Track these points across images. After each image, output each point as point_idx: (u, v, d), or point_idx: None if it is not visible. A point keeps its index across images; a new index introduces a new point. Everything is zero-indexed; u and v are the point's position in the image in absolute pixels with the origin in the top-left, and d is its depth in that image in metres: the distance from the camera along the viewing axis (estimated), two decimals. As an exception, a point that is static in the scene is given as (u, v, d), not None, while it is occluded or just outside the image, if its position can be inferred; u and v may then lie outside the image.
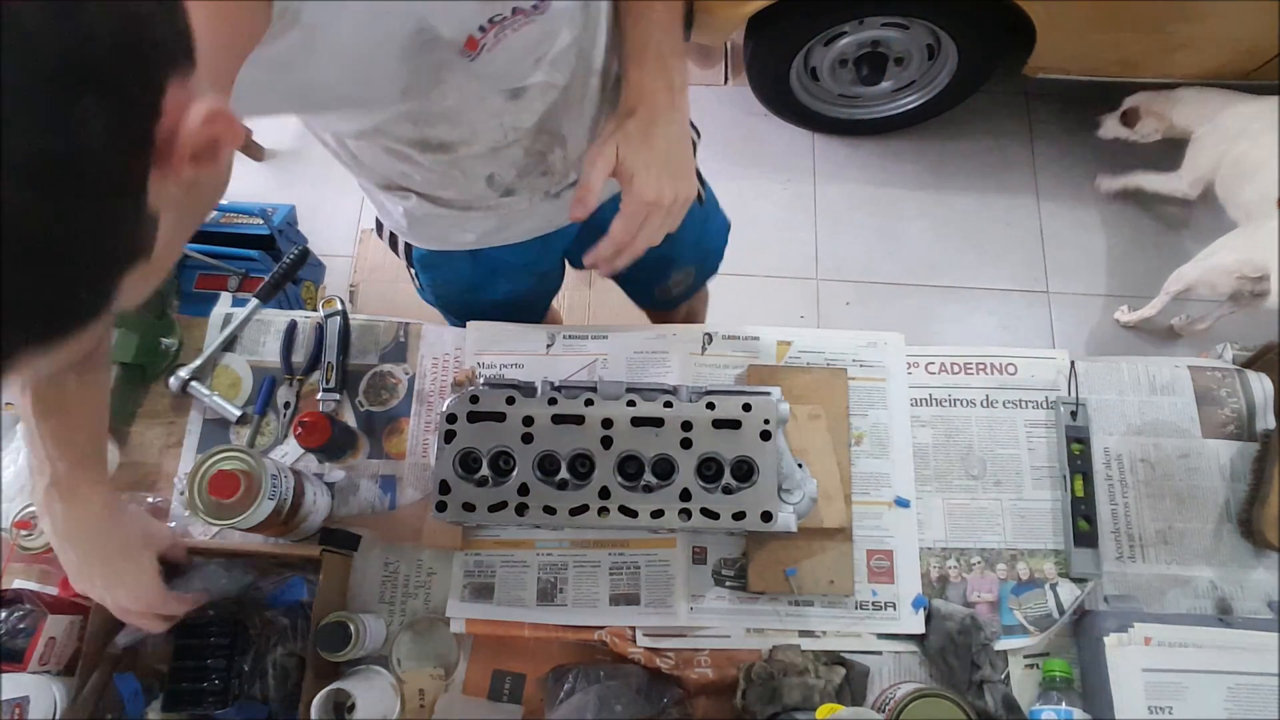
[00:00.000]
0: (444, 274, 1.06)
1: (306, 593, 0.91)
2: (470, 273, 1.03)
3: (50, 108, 0.31)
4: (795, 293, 2.20)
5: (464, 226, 0.95)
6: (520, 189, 0.86)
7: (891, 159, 2.34)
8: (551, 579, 0.95)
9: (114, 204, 0.35)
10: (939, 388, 1.03)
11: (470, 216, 0.93)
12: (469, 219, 0.93)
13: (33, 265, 0.32)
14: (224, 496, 0.81)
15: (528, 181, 0.86)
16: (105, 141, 0.33)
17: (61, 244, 0.33)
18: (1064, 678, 0.88)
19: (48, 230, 0.32)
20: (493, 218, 0.93)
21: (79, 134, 0.32)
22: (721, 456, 0.86)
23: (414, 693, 0.90)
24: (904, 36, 2.00)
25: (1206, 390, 1.03)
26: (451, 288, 1.07)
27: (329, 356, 1.02)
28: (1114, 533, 0.97)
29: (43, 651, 0.85)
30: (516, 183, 0.86)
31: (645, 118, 0.74)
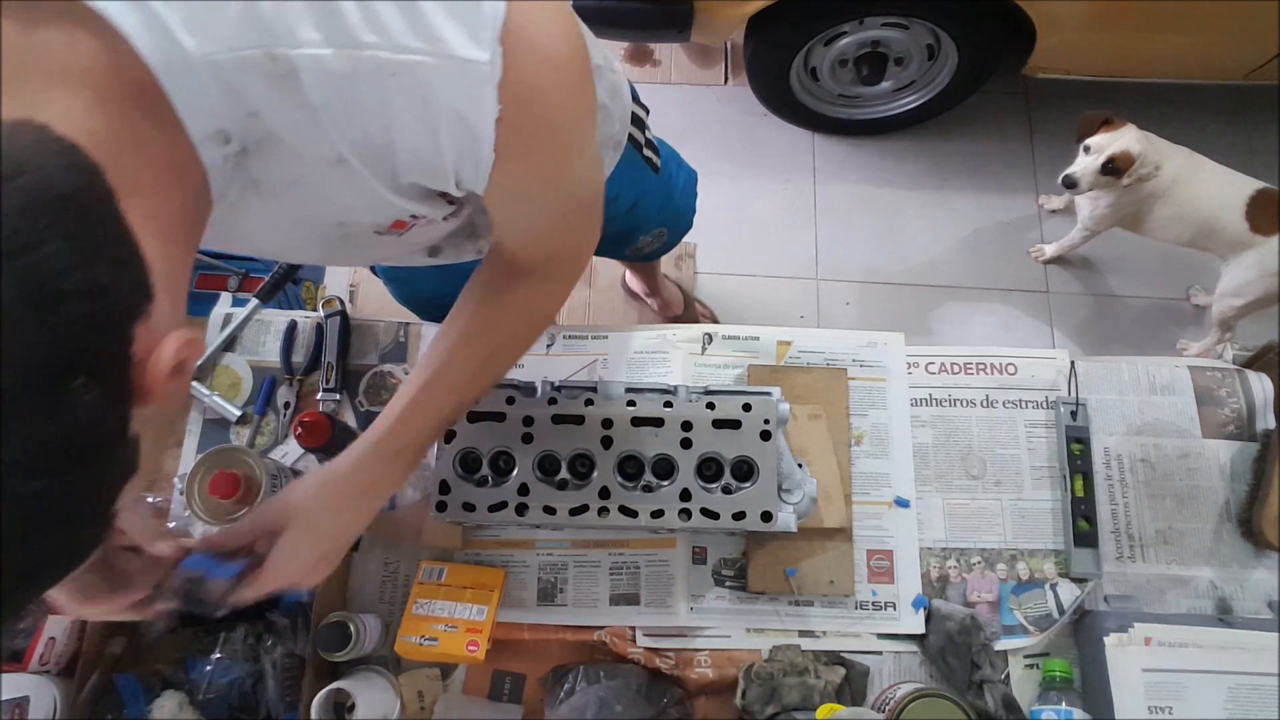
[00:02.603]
0: (410, 285, 1.07)
1: (306, 593, 0.91)
2: (437, 281, 1.03)
3: (47, 399, 0.33)
4: (795, 293, 2.20)
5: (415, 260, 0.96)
6: (447, 248, 0.87)
7: (891, 159, 2.34)
8: (551, 579, 0.95)
9: (108, 455, 0.37)
10: (939, 388, 1.03)
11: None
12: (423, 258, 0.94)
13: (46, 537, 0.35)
14: (224, 496, 0.81)
15: (455, 242, 0.87)
16: (100, 411, 0.36)
17: (69, 512, 0.36)
18: (1064, 678, 0.88)
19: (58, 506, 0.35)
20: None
21: (77, 414, 0.34)
22: (721, 456, 0.86)
23: (414, 693, 0.90)
24: (904, 36, 2.00)
25: (1206, 390, 1.03)
26: (420, 295, 1.08)
27: (329, 356, 1.02)
28: (1114, 533, 0.97)
29: (43, 651, 0.85)
30: (443, 243, 0.87)
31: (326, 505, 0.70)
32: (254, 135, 0.48)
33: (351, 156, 0.49)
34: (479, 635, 0.86)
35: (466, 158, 0.50)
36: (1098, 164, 1.76)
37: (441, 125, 0.48)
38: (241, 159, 0.49)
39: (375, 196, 0.54)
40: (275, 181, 0.52)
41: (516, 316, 0.71)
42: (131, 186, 0.39)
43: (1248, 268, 1.84)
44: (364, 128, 0.47)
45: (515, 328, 0.72)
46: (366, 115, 0.47)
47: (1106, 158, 1.75)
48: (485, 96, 0.46)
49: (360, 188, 0.52)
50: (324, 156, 0.49)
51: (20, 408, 0.32)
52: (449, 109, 0.47)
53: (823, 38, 1.99)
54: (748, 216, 2.26)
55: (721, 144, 2.33)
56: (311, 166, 0.50)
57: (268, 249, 0.67)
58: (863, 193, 2.31)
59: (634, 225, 1.15)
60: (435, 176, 0.52)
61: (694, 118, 2.36)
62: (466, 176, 0.52)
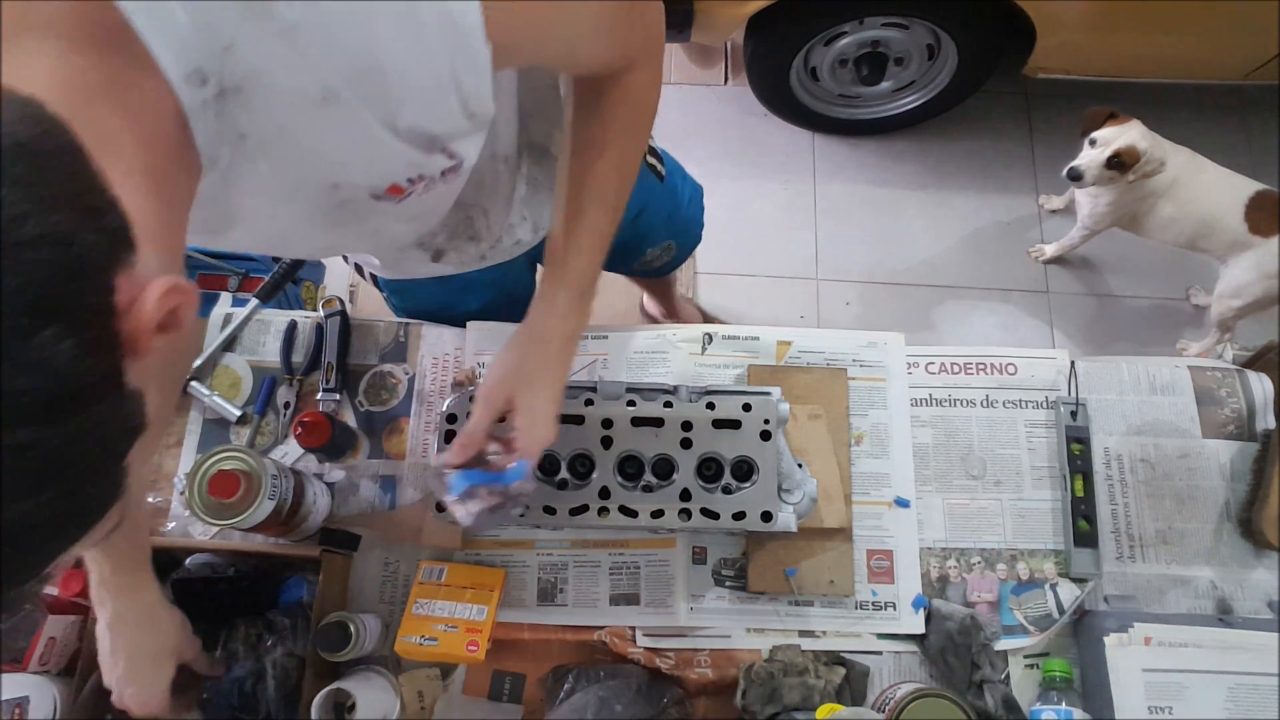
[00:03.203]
0: (414, 298, 1.06)
1: (306, 593, 0.91)
2: (440, 293, 1.03)
3: (17, 348, 0.32)
4: (795, 293, 2.20)
5: (422, 270, 0.96)
6: (450, 250, 0.87)
7: (891, 159, 2.34)
8: (551, 579, 0.95)
9: (102, 407, 0.36)
10: (939, 388, 1.03)
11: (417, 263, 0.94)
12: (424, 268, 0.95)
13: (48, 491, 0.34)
14: (224, 496, 0.81)
15: (457, 245, 0.87)
16: (78, 361, 0.35)
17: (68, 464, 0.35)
18: (1064, 678, 0.88)
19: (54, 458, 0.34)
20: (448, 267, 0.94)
21: (53, 365, 0.33)
22: (721, 456, 0.86)
23: (414, 693, 0.90)
24: (904, 36, 2.00)
25: (1206, 390, 1.03)
26: (423, 307, 1.08)
27: (329, 356, 1.02)
28: (1114, 533, 0.97)
29: (43, 651, 0.85)
30: (446, 245, 0.87)
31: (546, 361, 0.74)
32: (233, 74, 0.46)
33: (342, 86, 0.48)
34: (479, 635, 0.86)
35: (461, 61, 0.49)
36: (1103, 158, 1.76)
37: (427, 28, 0.47)
38: (223, 105, 0.48)
39: (370, 138, 0.52)
40: (262, 132, 0.51)
41: (625, 113, 0.71)
42: (108, 140, 0.39)
43: (1246, 269, 1.84)
44: (348, 49, 0.46)
45: (627, 124, 0.72)
46: (348, 32, 0.46)
47: (1112, 152, 1.75)
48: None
49: (352, 129, 0.51)
50: (309, 92, 0.48)
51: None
52: (431, 6, 0.46)
53: (823, 38, 1.99)
54: (748, 216, 2.26)
55: (721, 144, 2.33)
56: (298, 107, 0.49)
57: (265, 236, 0.67)
58: (863, 193, 2.31)
59: (641, 236, 1.15)
60: (436, 101, 0.51)
61: (694, 118, 2.36)
62: (469, 86, 0.51)
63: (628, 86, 0.69)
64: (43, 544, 0.35)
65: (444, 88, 0.51)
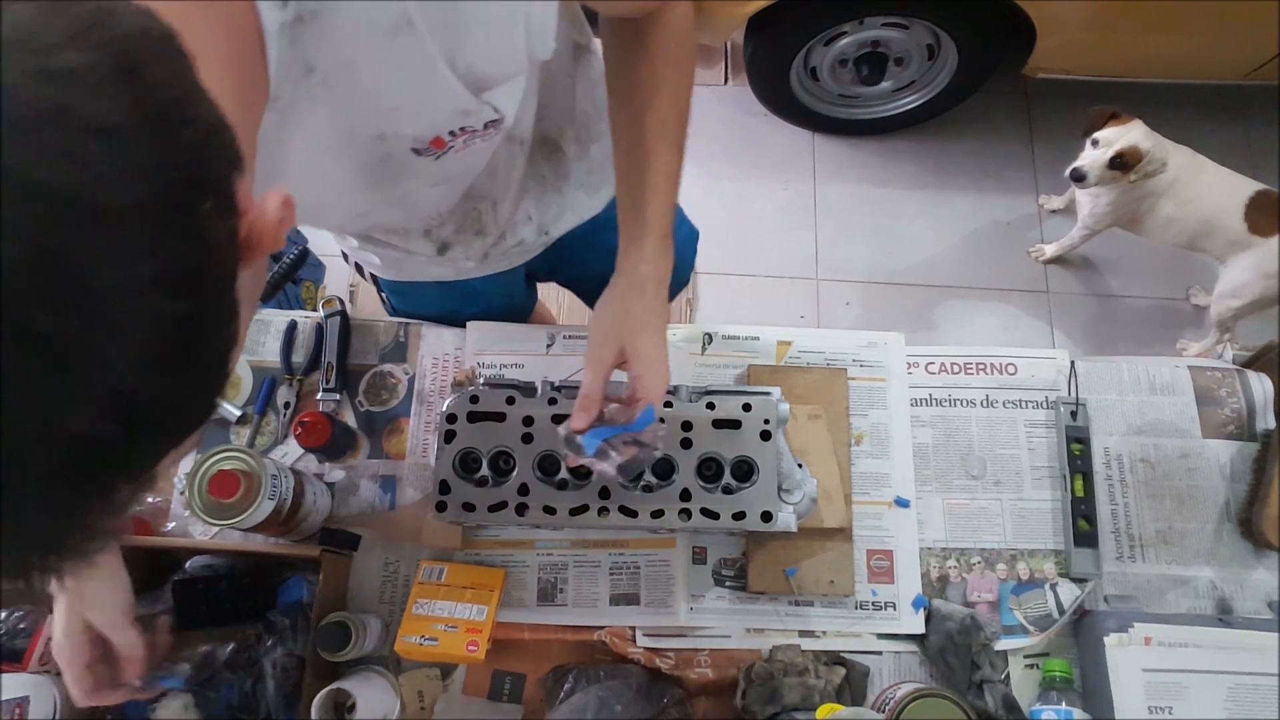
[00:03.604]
0: (414, 300, 1.06)
1: (306, 593, 0.91)
2: (440, 298, 1.03)
3: (183, 217, 0.32)
4: (795, 293, 2.20)
5: (422, 272, 0.96)
6: (456, 244, 0.87)
7: (891, 159, 2.34)
8: (551, 579, 0.95)
9: (228, 299, 0.36)
10: (939, 388, 1.03)
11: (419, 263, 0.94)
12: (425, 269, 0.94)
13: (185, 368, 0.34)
14: (224, 496, 0.81)
15: (463, 238, 0.87)
16: (226, 240, 0.35)
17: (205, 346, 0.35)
18: (1064, 678, 0.88)
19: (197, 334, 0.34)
20: (446, 270, 0.94)
21: (209, 237, 0.34)
22: (721, 456, 0.86)
23: (414, 693, 0.90)
24: (904, 36, 2.00)
25: (1206, 390, 1.03)
26: (422, 312, 1.08)
27: (329, 356, 1.02)
28: (1114, 533, 0.97)
29: (43, 651, 0.85)
30: (453, 238, 0.87)
31: (649, 306, 0.75)
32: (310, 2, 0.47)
33: (416, 14, 0.49)
34: (479, 635, 0.86)
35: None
36: (1106, 158, 1.76)
37: None
38: (298, 31, 0.48)
39: (429, 76, 0.53)
40: (329, 65, 0.51)
41: (673, 47, 0.71)
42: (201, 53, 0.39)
43: (1245, 269, 1.84)
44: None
45: (676, 58, 0.72)
46: None
47: (1115, 152, 1.75)
48: None
49: (416, 64, 0.52)
50: (383, 20, 0.49)
51: (159, 223, 0.31)
52: None
53: (823, 38, 1.99)
54: (748, 216, 2.26)
55: (721, 144, 2.33)
56: (369, 38, 0.50)
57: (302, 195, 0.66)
58: (863, 193, 2.31)
59: None
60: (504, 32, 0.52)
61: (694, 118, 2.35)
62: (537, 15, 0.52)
63: (667, 22, 0.70)
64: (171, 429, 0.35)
65: (514, 17, 0.51)
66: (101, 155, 0.29)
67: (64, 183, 0.28)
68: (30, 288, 0.27)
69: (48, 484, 0.30)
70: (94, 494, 0.32)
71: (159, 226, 0.31)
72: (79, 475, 0.30)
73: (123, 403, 0.31)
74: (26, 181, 0.28)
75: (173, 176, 0.32)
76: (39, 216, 0.28)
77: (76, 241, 0.28)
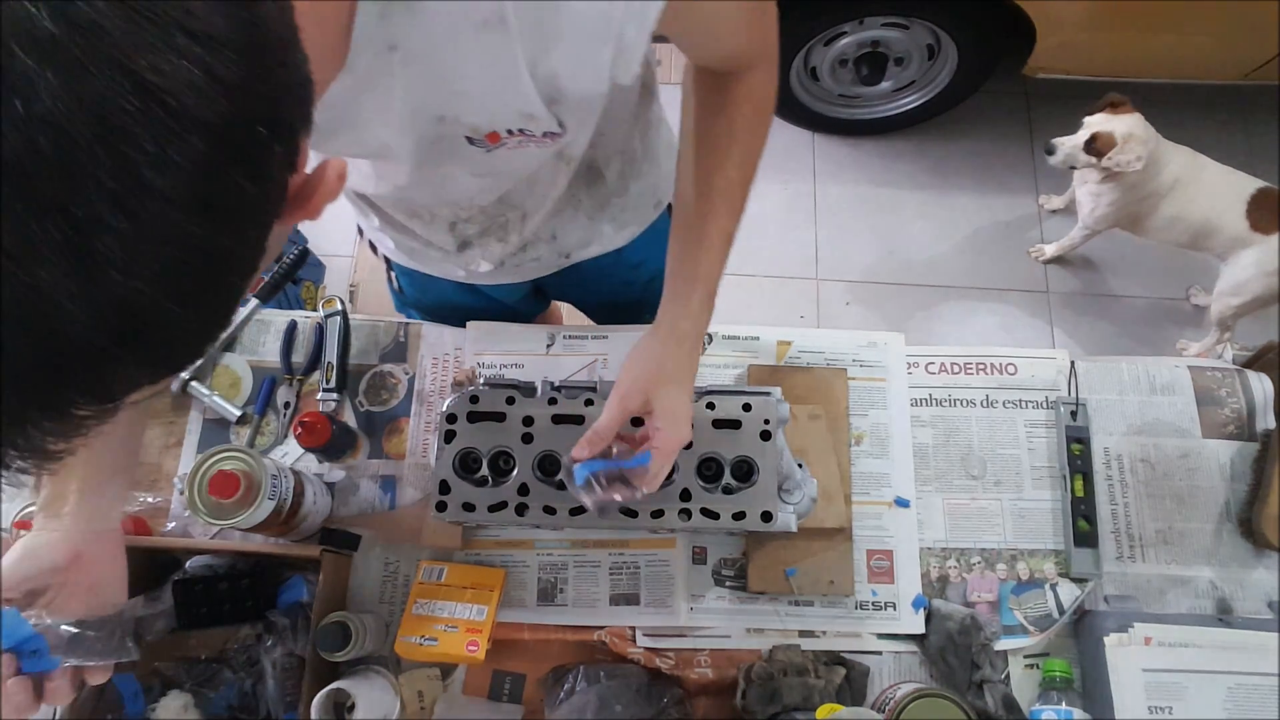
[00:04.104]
0: (422, 285, 1.06)
1: (306, 593, 0.91)
2: (452, 292, 1.04)
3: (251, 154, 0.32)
4: (795, 293, 2.20)
5: (435, 267, 0.97)
6: (477, 244, 0.88)
7: (891, 159, 2.34)
8: (551, 579, 0.95)
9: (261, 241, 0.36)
10: (939, 388, 1.03)
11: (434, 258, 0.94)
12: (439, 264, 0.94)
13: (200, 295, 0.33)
14: (224, 496, 0.81)
15: (485, 240, 0.87)
16: (279, 188, 0.35)
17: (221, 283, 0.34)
18: (1064, 678, 0.88)
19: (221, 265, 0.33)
20: (458, 269, 0.94)
21: (266, 179, 0.34)
22: (721, 456, 0.86)
23: (414, 693, 0.90)
24: (904, 36, 2.00)
25: (1206, 390, 1.02)
26: (428, 299, 1.08)
27: (329, 356, 1.02)
28: (1114, 533, 0.97)
29: (43, 651, 0.85)
30: (475, 238, 0.87)
31: (683, 361, 0.76)
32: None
33: (512, 13, 0.49)
34: (479, 635, 0.86)
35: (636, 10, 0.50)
36: (1081, 139, 1.77)
37: None
38: (390, 8, 0.48)
39: (508, 74, 0.53)
40: (413, 46, 0.51)
41: (749, 112, 0.72)
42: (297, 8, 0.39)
43: (1246, 266, 1.84)
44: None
45: (752, 123, 0.72)
46: None
47: (1090, 135, 1.76)
48: None
49: (498, 60, 0.52)
50: (477, 12, 0.49)
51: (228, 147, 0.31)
52: None
53: (823, 38, 1.99)
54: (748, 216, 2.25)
55: (721, 144, 2.33)
56: (459, 28, 0.50)
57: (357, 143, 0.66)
58: (863, 193, 2.31)
59: (647, 300, 1.15)
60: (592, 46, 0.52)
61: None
62: (629, 36, 0.52)
63: (751, 85, 0.70)
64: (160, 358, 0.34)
65: (607, 32, 0.51)
66: (197, 62, 0.29)
67: (154, 75, 0.28)
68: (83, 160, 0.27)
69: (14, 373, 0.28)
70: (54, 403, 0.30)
71: (224, 151, 0.30)
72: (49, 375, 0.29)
73: (124, 318, 0.30)
74: (118, 61, 0.27)
75: (253, 106, 0.32)
76: (120, 96, 0.27)
77: (142, 132, 0.28)
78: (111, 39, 0.27)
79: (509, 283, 1.00)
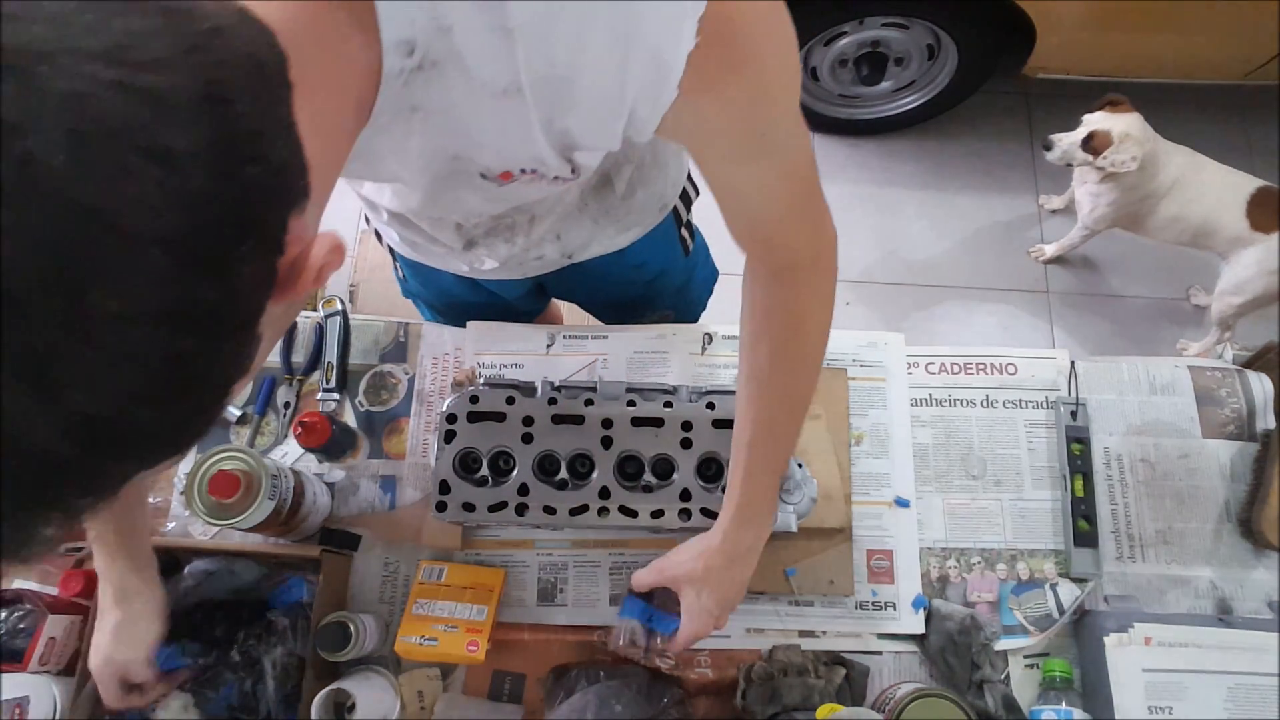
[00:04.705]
0: (425, 277, 1.06)
1: (306, 593, 0.91)
2: (454, 285, 1.04)
3: (215, 257, 0.32)
4: (795, 293, 2.20)
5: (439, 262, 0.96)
6: (482, 244, 0.88)
7: (891, 159, 2.34)
8: (551, 579, 0.95)
9: (245, 335, 0.36)
10: (939, 388, 1.03)
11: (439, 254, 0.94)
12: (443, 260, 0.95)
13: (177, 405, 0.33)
14: (224, 496, 0.81)
15: (491, 241, 0.87)
16: (253, 283, 0.35)
17: (203, 382, 0.34)
18: (1064, 678, 0.88)
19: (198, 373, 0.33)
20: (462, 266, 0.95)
21: (234, 279, 0.33)
22: (722, 456, 0.86)
23: (414, 693, 0.90)
24: (904, 36, 2.00)
25: (1206, 390, 1.02)
26: (431, 291, 1.08)
27: (329, 356, 1.02)
28: (1114, 533, 0.97)
29: (43, 651, 0.85)
30: (481, 239, 0.88)
31: (726, 559, 0.80)
32: (437, 52, 0.47)
33: (528, 86, 0.49)
34: (479, 635, 0.86)
35: (647, 93, 0.50)
36: (1079, 136, 1.77)
37: (633, 59, 0.47)
38: (414, 76, 0.49)
39: (521, 134, 0.53)
40: (433, 106, 0.52)
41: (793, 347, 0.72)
42: (310, 83, 0.39)
43: (1247, 265, 1.84)
44: (552, 58, 0.47)
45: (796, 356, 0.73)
46: (561, 45, 0.47)
47: (1088, 133, 1.76)
48: (685, 29, 0.46)
49: (513, 122, 0.52)
50: (495, 84, 0.49)
51: (186, 257, 0.30)
52: (647, 41, 0.46)
53: (823, 38, 1.99)
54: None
55: (721, 144, 2.33)
56: (476, 95, 0.50)
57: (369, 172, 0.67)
58: (863, 193, 2.31)
59: (649, 299, 1.15)
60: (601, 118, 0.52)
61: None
62: (641, 114, 0.52)
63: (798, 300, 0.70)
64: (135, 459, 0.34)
65: (620, 109, 0.51)
66: (151, 181, 0.29)
67: (101, 202, 0.28)
68: (32, 299, 0.27)
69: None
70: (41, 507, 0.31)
71: (184, 261, 0.30)
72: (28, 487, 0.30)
73: (91, 427, 0.30)
74: (62, 193, 0.27)
75: (216, 213, 0.31)
76: (65, 230, 0.27)
77: (95, 262, 0.28)
78: (54, 171, 0.27)
79: (511, 279, 0.99)
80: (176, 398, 0.33)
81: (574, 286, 1.11)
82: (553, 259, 0.93)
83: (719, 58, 0.48)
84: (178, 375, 0.32)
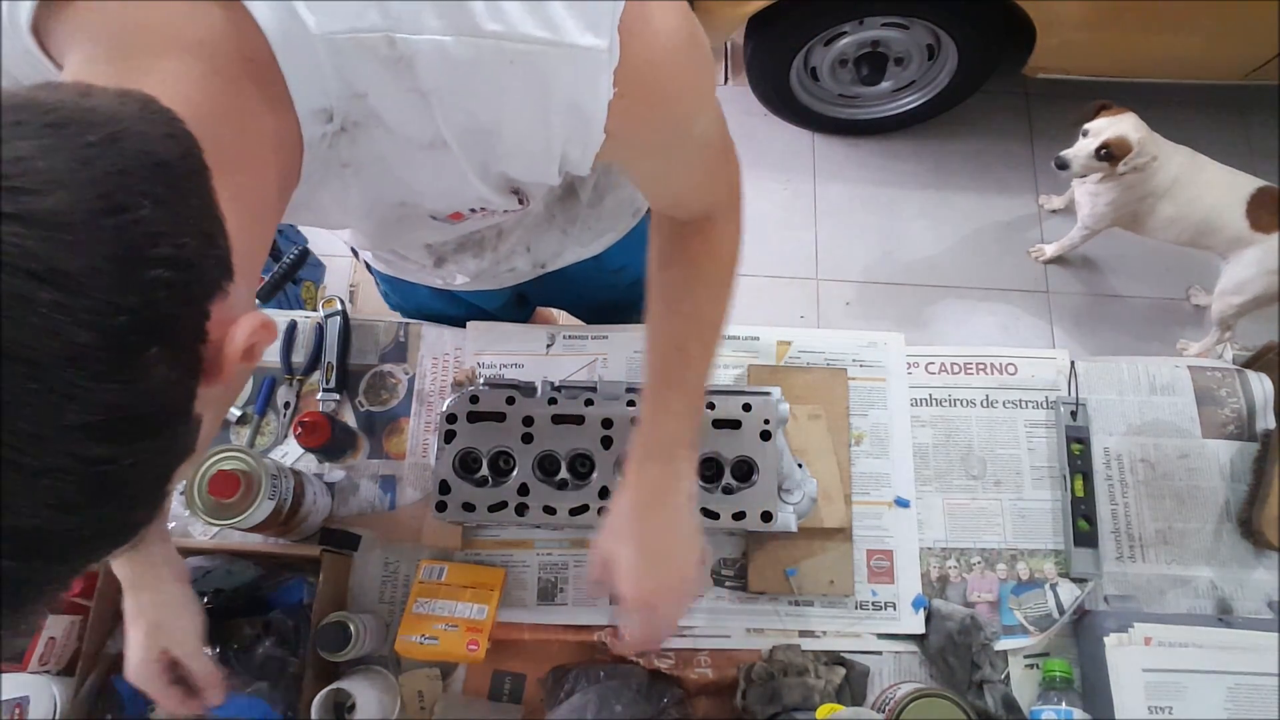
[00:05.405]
0: (404, 293, 1.07)
1: (306, 593, 0.91)
2: (432, 299, 1.04)
3: (122, 364, 0.32)
4: (795, 293, 2.20)
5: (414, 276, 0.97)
6: (452, 260, 0.88)
7: (891, 159, 2.34)
8: (551, 579, 0.95)
9: (171, 431, 0.36)
10: (939, 388, 1.03)
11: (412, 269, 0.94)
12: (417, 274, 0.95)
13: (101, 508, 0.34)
14: (224, 496, 0.81)
15: (460, 258, 0.88)
16: (169, 384, 0.35)
17: (127, 484, 0.35)
18: (1064, 678, 0.88)
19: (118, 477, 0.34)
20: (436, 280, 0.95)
21: (148, 384, 0.33)
22: (722, 456, 0.86)
23: (414, 693, 0.90)
24: (904, 36, 2.00)
25: (1206, 390, 1.02)
26: (412, 305, 1.08)
27: (329, 356, 1.02)
28: (1114, 533, 0.97)
29: (43, 651, 0.85)
30: (451, 255, 0.88)
31: (636, 507, 0.72)
32: (355, 115, 0.48)
33: (453, 140, 0.50)
34: (479, 635, 0.86)
35: (575, 140, 0.50)
36: (1092, 148, 1.77)
37: (554, 111, 0.48)
38: (337, 139, 0.49)
39: (458, 180, 0.54)
40: (363, 160, 0.53)
41: (706, 267, 0.70)
42: (228, 162, 0.39)
43: (1247, 265, 1.84)
44: (473, 113, 0.48)
45: (709, 278, 0.71)
46: (478, 102, 0.47)
47: (1102, 142, 1.75)
48: (601, 83, 0.46)
49: (446, 171, 0.53)
50: (420, 139, 0.50)
51: (94, 370, 0.31)
52: (564, 96, 0.47)
53: (823, 38, 1.99)
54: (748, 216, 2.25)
55: (721, 144, 2.33)
56: (404, 148, 0.51)
57: (318, 221, 0.68)
58: (863, 193, 2.31)
59: (633, 301, 1.15)
60: (534, 162, 0.52)
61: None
62: (573, 157, 0.52)
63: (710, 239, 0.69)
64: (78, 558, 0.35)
65: (550, 156, 0.52)
66: (50, 304, 0.30)
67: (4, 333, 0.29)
68: None
69: None
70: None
71: (94, 374, 0.31)
72: None
73: (19, 539, 0.31)
74: None
75: (121, 322, 0.32)
76: None
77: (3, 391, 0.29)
78: None
79: (488, 289, 1.00)
80: (103, 501, 0.34)
81: (555, 294, 1.11)
82: (525, 270, 0.93)
83: (641, 98, 0.49)
84: (98, 482, 0.33)
